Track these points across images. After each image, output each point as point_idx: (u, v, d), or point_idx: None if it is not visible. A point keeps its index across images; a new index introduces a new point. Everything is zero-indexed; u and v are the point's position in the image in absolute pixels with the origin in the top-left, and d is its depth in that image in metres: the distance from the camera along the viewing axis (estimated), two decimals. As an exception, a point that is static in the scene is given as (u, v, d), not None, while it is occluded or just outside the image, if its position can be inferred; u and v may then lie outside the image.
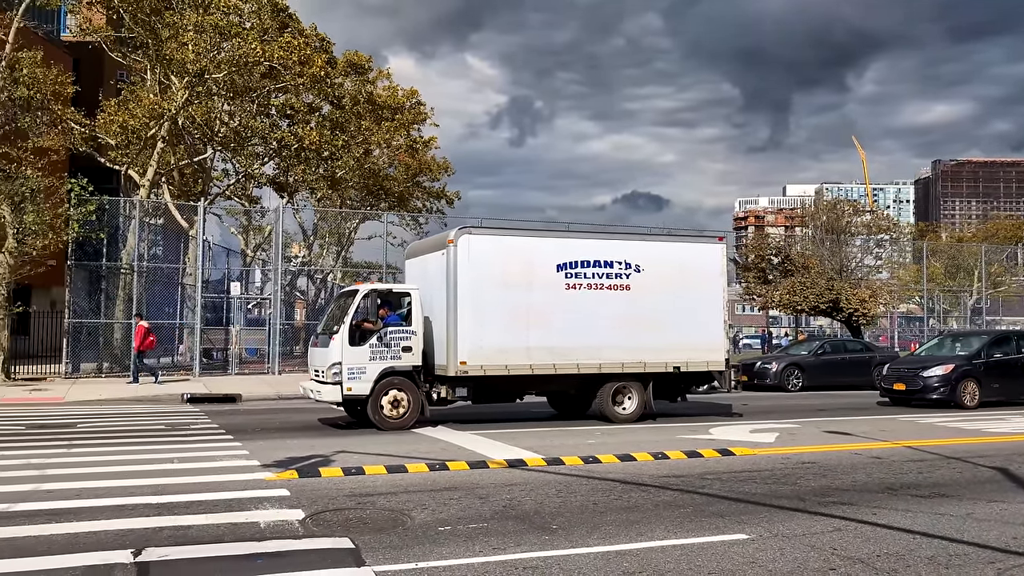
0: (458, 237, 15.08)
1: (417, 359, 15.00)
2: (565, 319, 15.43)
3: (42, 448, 12.11)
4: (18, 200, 23.71)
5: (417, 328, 15.03)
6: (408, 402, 14.78)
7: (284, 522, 7.98)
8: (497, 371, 15.11)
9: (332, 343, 14.70)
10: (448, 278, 15.03)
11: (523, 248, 15.62)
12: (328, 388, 14.69)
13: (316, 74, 29.18)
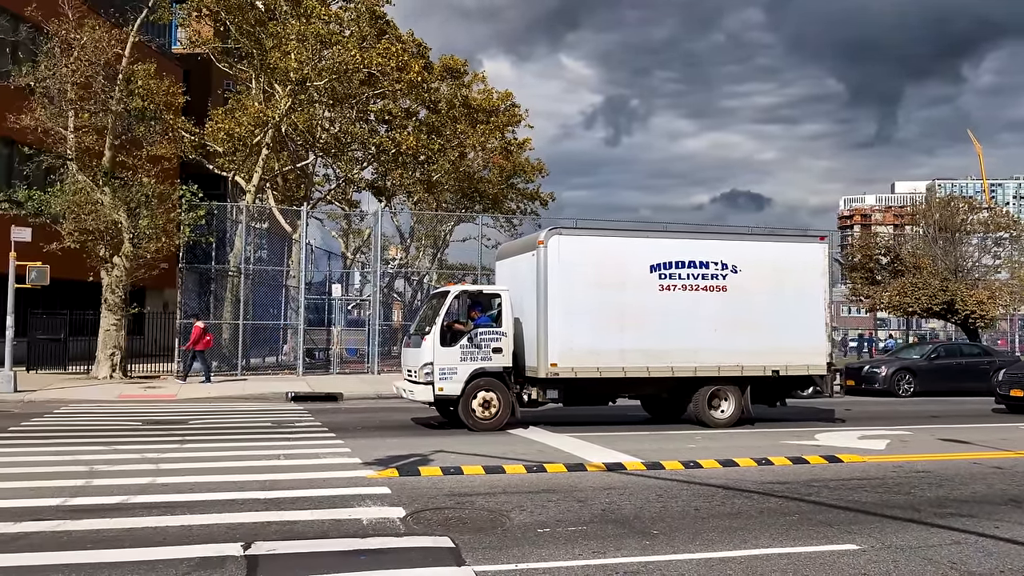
0: (548, 238, 15.04)
1: (507, 360, 15.01)
2: (659, 321, 15.18)
3: (157, 443, 12.65)
4: (134, 206, 24.90)
5: (507, 329, 15.04)
6: (499, 403, 14.81)
7: (386, 520, 8.09)
8: (588, 373, 14.99)
9: (424, 344, 14.85)
10: (538, 279, 14.99)
11: (615, 249, 15.45)
12: (420, 388, 14.86)
13: (413, 79, 29.66)
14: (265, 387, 22.15)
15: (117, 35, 26.13)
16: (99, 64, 25.24)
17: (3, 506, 8.34)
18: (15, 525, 7.61)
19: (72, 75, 24.93)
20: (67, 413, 16.80)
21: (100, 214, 24.40)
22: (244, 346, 26.13)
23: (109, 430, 14.15)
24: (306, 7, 28.46)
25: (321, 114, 31.17)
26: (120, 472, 10.17)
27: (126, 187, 25.08)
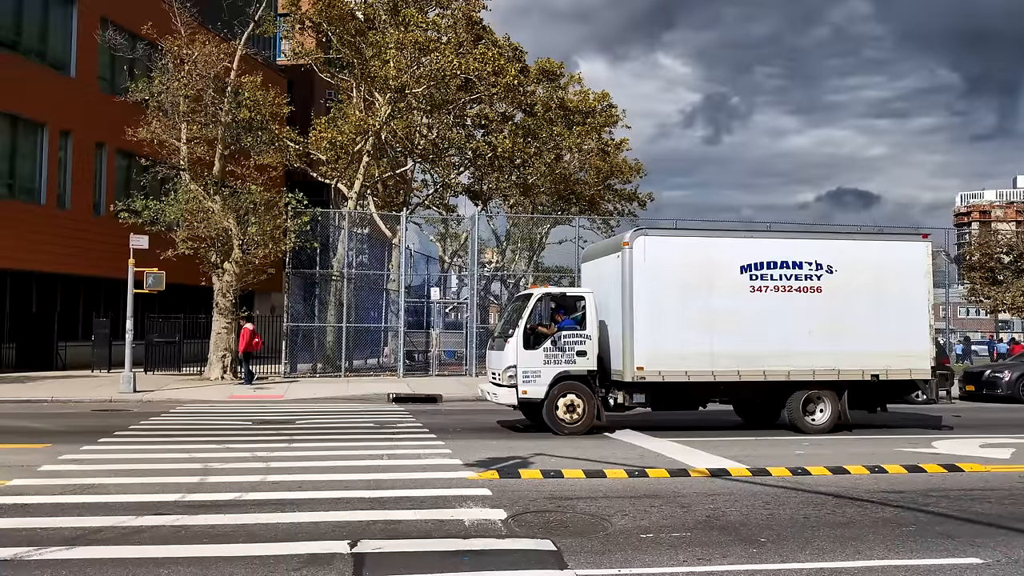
0: (633, 239, 14.83)
1: (592, 364, 14.86)
2: (749, 323, 14.77)
3: (266, 442, 13.06)
4: (242, 213, 25.85)
5: (592, 332, 14.89)
6: (583, 407, 14.67)
7: (487, 521, 8.12)
8: (676, 377, 14.70)
9: (507, 346, 14.85)
10: (623, 281, 14.79)
11: (703, 249, 15.11)
12: (504, 391, 14.86)
13: (509, 83, 29.83)
14: (367, 388, 22.62)
15: (226, 49, 27.20)
16: (209, 78, 26.34)
17: (126, 500, 8.76)
18: (137, 519, 7.98)
19: (184, 89, 26.09)
20: (182, 413, 17.54)
21: (211, 222, 25.43)
22: (347, 348, 26.78)
23: (221, 429, 14.70)
24: (404, 16, 29.00)
25: (419, 120, 31.68)
26: (233, 470, 10.55)
27: (235, 195, 26.07)
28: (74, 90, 30.51)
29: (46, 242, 28.79)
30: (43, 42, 29.71)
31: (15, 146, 28.63)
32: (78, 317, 30.94)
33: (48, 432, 14.34)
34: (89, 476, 10.07)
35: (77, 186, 30.77)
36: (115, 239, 27.91)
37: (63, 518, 7.97)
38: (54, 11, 30.03)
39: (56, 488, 9.35)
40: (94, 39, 30.51)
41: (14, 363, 27.91)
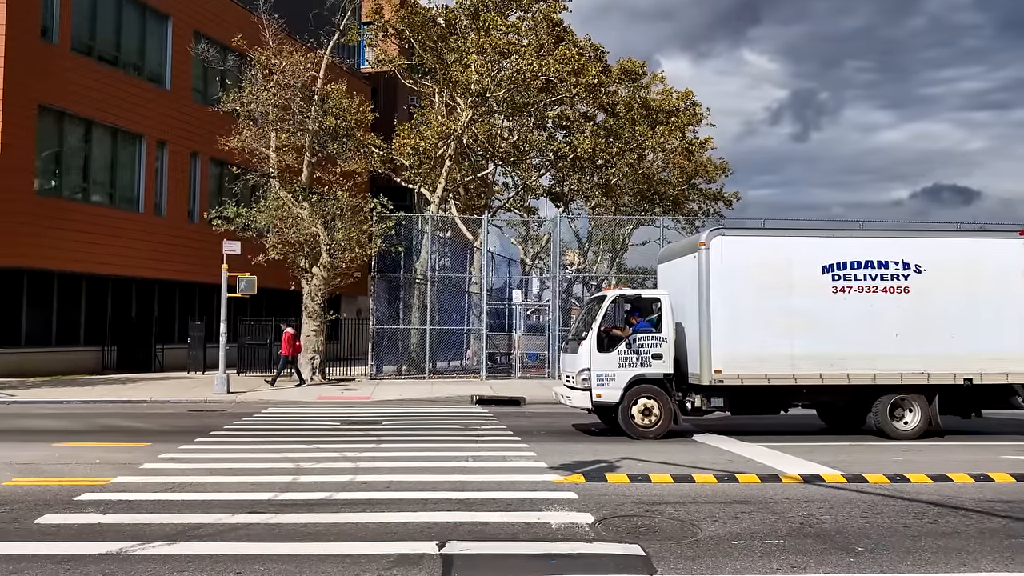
0: (710, 239, 14.53)
1: (668, 367, 14.61)
2: (832, 325, 14.30)
3: (355, 443, 13.29)
4: (329, 219, 26.44)
5: (668, 335, 14.63)
6: (659, 410, 14.43)
7: (574, 525, 8.08)
8: (756, 380, 14.33)
9: (581, 349, 14.71)
10: (700, 282, 14.50)
11: (782, 249, 14.70)
12: (578, 394, 14.73)
13: (590, 83, 29.70)
14: (450, 390, 22.82)
15: (312, 58, 27.88)
16: (297, 87, 27.04)
17: (223, 498, 9.03)
18: (233, 516, 8.21)
19: (273, 98, 26.85)
20: (273, 413, 18.01)
21: (300, 227, 26.08)
22: (430, 350, 27.07)
23: (311, 430, 15.03)
24: (485, 20, 29.20)
25: (500, 124, 31.84)
26: (323, 470, 10.76)
27: (323, 201, 26.68)
28: (169, 102, 31.73)
29: (145, 249, 30.01)
30: (141, 57, 30.98)
31: (115, 157, 29.93)
32: (174, 321, 32.14)
33: (148, 431, 14.92)
34: (187, 474, 10.42)
35: (173, 195, 31.98)
36: (209, 245, 28.91)
37: (164, 514, 8.26)
38: (151, 27, 31.28)
39: (157, 485, 9.70)
40: (188, 53, 31.68)
41: (115, 365, 29.16)
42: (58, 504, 8.69)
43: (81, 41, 28.21)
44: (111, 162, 29.80)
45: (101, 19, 29.20)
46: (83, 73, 27.90)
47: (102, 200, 29.45)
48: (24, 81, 25.51)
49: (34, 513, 8.25)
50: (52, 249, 26.38)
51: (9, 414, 17.56)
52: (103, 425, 15.79)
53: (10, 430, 14.81)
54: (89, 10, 28.62)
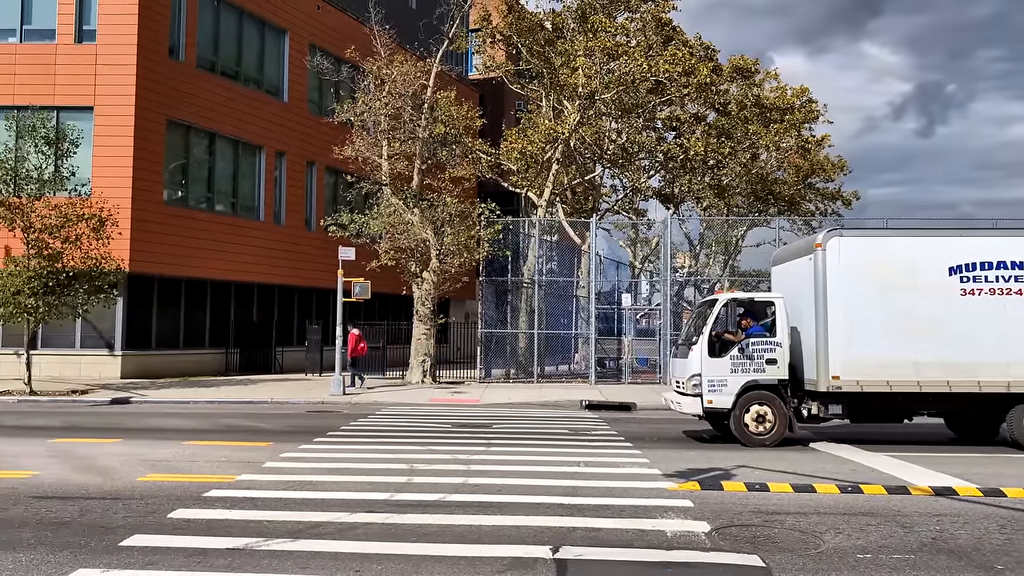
0: (827, 240, 13.97)
1: (783, 372, 14.11)
2: (960, 329, 13.53)
3: (466, 445, 13.40)
4: (439, 224, 26.87)
5: (782, 339, 14.13)
6: (774, 417, 13.94)
7: (690, 533, 7.91)
8: (877, 387, 13.70)
9: (691, 354, 14.38)
10: (816, 285, 13.97)
11: (904, 250, 13.99)
12: (688, 400, 14.41)
13: (701, 82, 29.17)
14: (559, 394, 22.76)
15: (422, 67, 28.44)
16: (407, 95, 27.62)
17: (341, 497, 9.25)
18: (351, 515, 8.40)
19: (385, 108, 27.52)
20: (387, 415, 18.39)
21: (411, 233, 26.61)
22: (538, 354, 27.10)
23: (424, 432, 15.26)
24: (592, 23, 29.08)
25: (608, 126, 31.65)
26: (436, 471, 10.89)
27: (432, 207, 27.13)
28: (287, 114, 32.93)
29: (265, 256, 31.23)
30: (260, 71, 32.28)
31: (237, 168, 31.27)
32: (293, 324, 33.30)
33: (269, 431, 15.47)
34: (307, 473, 10.73)
35: (291, 203, 33.17)
36: (325, 252, 29.88)
37: (286, 512, 8.52)
38: (269, 42, 32.56)
39: (279, 484, 10.03)
40: (304, 65, 32.84)
41: (238, 367, 30.44)
42: (188, 500, 9.09)
43: (205, 58, 29.61)
44: (233, 173, 31.15)
45: (223, 36, 30.59)
46: (207, 88, 29.28)
47: (225, 209, 30.81)
48: (154, 98, 26.97)
49: (167, 508, 8.66)
50: (179, 257, 27.77)
51: (142, 413, 18.56)
52: (228, 425, 16.48)
53: (144, 428, 15.63)
54: (212, 28, 30.02)
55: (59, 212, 21.65)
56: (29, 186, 21.63)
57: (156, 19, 27.19)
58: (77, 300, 21.98)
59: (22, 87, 25.94)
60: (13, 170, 21.48)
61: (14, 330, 24.21)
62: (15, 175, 21.49)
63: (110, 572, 6.50)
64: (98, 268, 22.00)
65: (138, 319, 27.09)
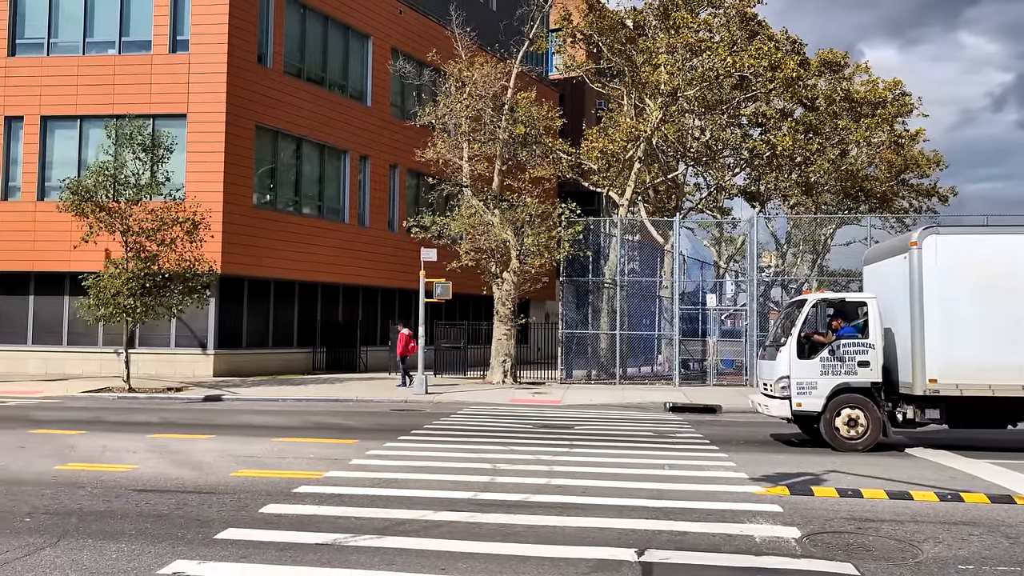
0: (923, 238, 13.40)
1: (876, 375, 13.63)
2: None
3: (548, 446, 13.37)
4: (519, 225, 26.92)
5: (875, 341, 13.64)
6: (866, 421, 13.47)
7: (779, 539, 7.72)
8: (977, 391, 13.08)
9: (779, 356, 14.02)
10: (911, 285, 13.42)
11: (1008, 247, 13.30)
12: (776, 403, 14.03)
13: (788, 77, 28.45)
14: (642, 396, 22.53)
15: (502, 69, 28.57)
16: (488, 97, 27.79)
17: (425, 496, 9.33)
18: (435, 514, 8.46)
19: (465, 110, 27.76)
20: (469, 414, 18.50)
21: (491, 234, 26.74)
22: (620, 355, 26.87)
23: (505, 432, 15.29)
24: (675, 19, 28.70)
25: (691, 123, 31.20)
26: (518, 471, 10.89)
27: (512, 208, 27.21)
28: (370, 117, 33.51)
29: (350, 257, 31.85)
30: (344, 76, 32.93)
31: (323, 171, 31.97)
32: (376, 324, 33.86)
33: (355, 429, 15.75)
34: (392, 471, 10.87)
35: (374, 205, 33.74)
36: (407, 253, 30.31)
37: (372, 509, 8.64)
38: (353, 48, 33.19)
39: (365, 481, 10.18)
40: (386, 70, 33.36)
41: (324, 366, 31.11)
42: (279, 495, 9.31)
43: (291, 64, 30.36)
44: (319, 176, 31.85)
45: (309, 43, 31.31)
46: (294, 94, 30.02)
47: (311, 212, 31.53)
48: (243, 104, 27.78)
49: (258, 503, 8.88)
50: (268, 258, 28.54)
51: (233, 410, 19.13)
52: (315, 422, 16.84)
53: (235, 425, 16.11)
54: (298, 35, 30.76)
55: (155, 216, 22.49)
56: (127, 191, 22.54)
57: (245, 28, 28.01)
58: (172, 301, 22.79)
59: (120, 97, 27.06)
60: (112, 176, 22.41)
61: (114, 330, 25.26)
62: (114, 181, 22.42)
63: (206, 564, 6.70)
64: (192, 270, 22.76)
65: (229, 319, 27.95)
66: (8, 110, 28.06)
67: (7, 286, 28.23)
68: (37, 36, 28.45)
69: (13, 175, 28.33)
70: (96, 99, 27.44)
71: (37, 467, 10.87)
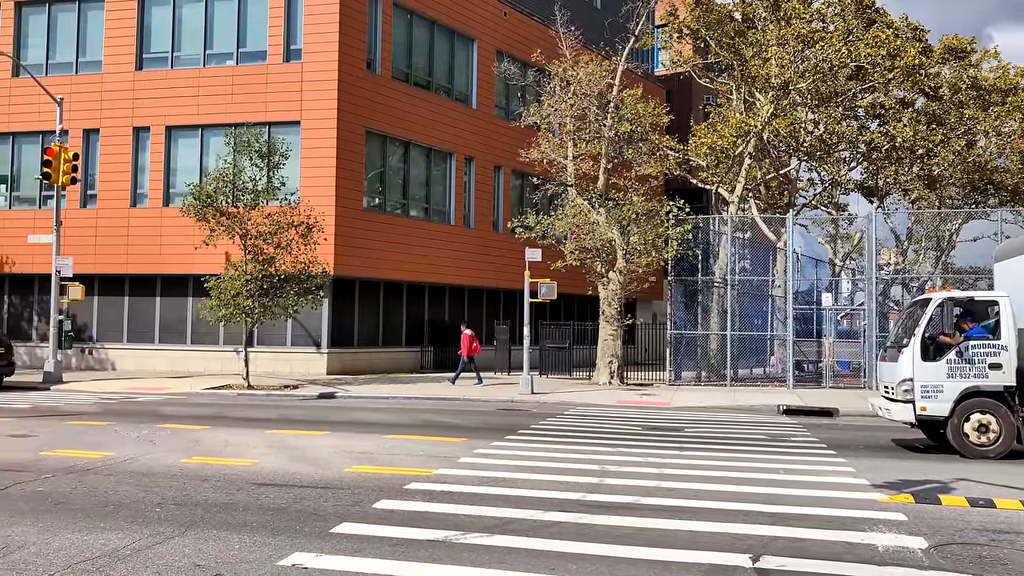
0: None
1: (1009, 378, 12.80)
2: None
3: (658, 448, 13.16)
4: (625, 224, 26.65)
5: (1007, 342, 12.82)
6: (998, 427, 12.67)
7: (904, 549, 7.37)
8: None
9: (902, 357, 13.36)
10: None
11: None
12: (898, 406, 13.37)
13: (908, 65, 27.11)
14: (754, 398, 21.94)
15: (607, 66, 28.36)
16: (593, 96, 27.64)
17: (533, 495, 9.32)
18: (544, 514, 8.44)
19: (570, 109, 27.68)
20: (575, 415, 18.42)
21: (596, 233, 26.56)
22: (731, 357, 26.24)
23: (613, 433, 15.14)
24: (786, 11, 27.81)
25: (804, 116, 30.19)
26: (627, 473, 10.75)
27: (618, 207, 26.96)
28: (475, 119, 33.84)
29: (455, 258, 32.25)
30: (449, 80, 33.37)
31: (429, 174, 32.49)
32: (481, 324, 34.14)
33: (462, 427, 15.92)
34: (499, 470, 10.91)
35: (479, 207, 34.07)
36: (511, 253, 30.45)
37: (481, 507, 8.69)
38: (458, 51, 33.60)
39: (474, 479, 10.26)
40: (491, 72, 33.63)
41: (432, 364, 31.61)
42: (390, 491, 9.48)
43: (399, 69, 30.97)
44: (426, 179, 32.38)
45: (416, 48, 31.86)
46: (401, 98, 30.61)
47: (418, 214, 32.08)
48: (354, 110, 28.51)
49: (371, 498, 9.07)
50: (377, 260, 29.20)
51: (345, 408, 19.64)
52: (424, 420, 17.11)
53: (347, 422, 16.53)
54: (406, 41, 31.35)
55: (271, 220, 23.34)
56: (245, 196, 23.49)
57: (354, 35, 28.74)
58: (288, 301, 23.59)
59: (238, 106, 28.20)
60: (232, 182, 23.39)
61: (233, 329, 26.36)
62: (233, 187, 23.40)
63: (322, 557, 6.87)
64: (306, 271, 23.51)
65: (341, 319, 28.74)
66: (137, 121, 29.65)
67: (136, 288, 29.85)
68: (162, 50, 29.97)
69: (141, 183, 29.92)
70: (216, 108, 28.68)
71: (166, 460, 11.43)
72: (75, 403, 19.68)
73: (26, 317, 31.36)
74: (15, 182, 31.54)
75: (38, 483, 9.79)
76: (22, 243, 28.56)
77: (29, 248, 28.17)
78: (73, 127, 29.02)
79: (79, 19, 30.72)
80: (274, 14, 28.67)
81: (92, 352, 30.19)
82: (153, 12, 30.15)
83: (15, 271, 30.58)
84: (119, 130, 29.74)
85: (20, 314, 31.42)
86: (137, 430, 14.53)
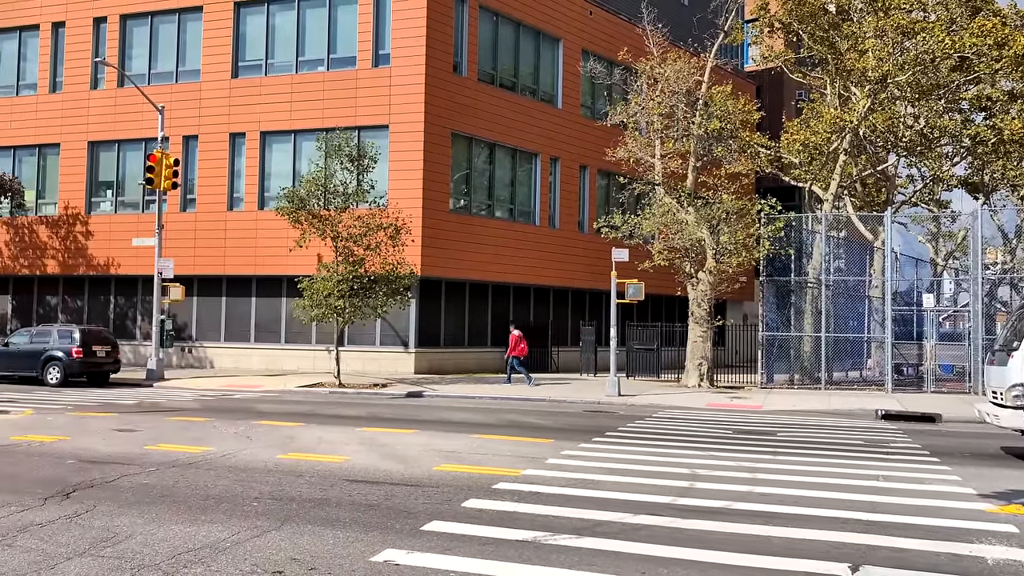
0: None
1: None
2: None
3: (750, 453, 12.85)
4: (715, 223, 26.14)
5: None
6: None
7: (1017, 563, 7.01)
8: None
9: (1012, 361, 12.62)
10: None
11: None
12: (1007, 412, 12.63)
13: (1018, 54, 25.72)
14: (850, 402, 21.23)
15: (696, 63, 27.92)
16: (681, 93, 27.25)
17: (622, 498, 9.21)
18: (634, 517, 8.32)
19: (658, 107, 27.34)
20: (663, 418, 18.17)
21: (685, 233, 26.15)
22: (826, 359, 25.43)
23: (703, 437, 14.86)
24: (884, 1, 26.79)
25: (903, 111, 29.05)
26: (719, 478, 10.53)
27: (708, 205, 26.46)
28: (560, 119, 33.78)
29: (540, 259, 32.27)
30: (535, 80, 33.40)
31: (514, 175, 32.58)
32: (567, 325, 34.09)
33: (549, 428, 15.88)
34: (587, 472, 10.83)
35: (564, 207, 33.99)
36: (597, 253, 30.29)
37: (569, 508, 8.63)
38: (544, 52, 33.60)
39: (561, 480, 10.20)
40: (576, 71, 33.52)
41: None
42: (479, 491, 9.51)
43: (485, 71, 31.16)
44: (511, 180, 32.49)
45: (501, 50, 32.01)
46: (487, 100, 30.79)
47: (503, 215, 32.22)
48: (440, 113, 28.83)
49: (460, 497, 9.12)
50: (463, 261, 29.45)
51: (433, 407, 19.85)
52: (510, 420, 17.14)
53: (435, 420, 16.70)
54: (491, 43, 31.53)
55: (361, 222, 23.80)
56: (336, 199, 24.02)
57: (441, 39, 29.05)
58: (377, 302, 24.02)
59: (329, 111, 28.86)
60: (323, 186, 23.96)
61: (324, 329, 27.01)
62: (325, 190, 23.96)
63: (413, 554, 6.93)
64: (394, 272, 23.89)
65: (428, 319, 29.09)
66: (233, 127, 30.69)
67: (233, 289, 30.88)
68: (256, 58, 30.94)
69: (237, 187, 30.95)
70: (308, 114, 29.43)
71: (262, 456, 11.75)
72: (176, 399, 20.48)
73: (130, 316, 32.81)
74: (120, 188, 33.06)
75: (143, 476, 10.19)
76: (127, 246, 29.93)
77: (133, 251, 29.50)
78: (173, 134, 30.20)
79: (179, 30, 31.99)
80: (363, 20, 29.24)
81: (192, 350, 31.37)
82: (248, 21, 31.15)
83: (120, 272, 32.06)
84: (216, 136, 30.84)
85: (124, 313, 32.90)
86: (235, 426, 14.99)
